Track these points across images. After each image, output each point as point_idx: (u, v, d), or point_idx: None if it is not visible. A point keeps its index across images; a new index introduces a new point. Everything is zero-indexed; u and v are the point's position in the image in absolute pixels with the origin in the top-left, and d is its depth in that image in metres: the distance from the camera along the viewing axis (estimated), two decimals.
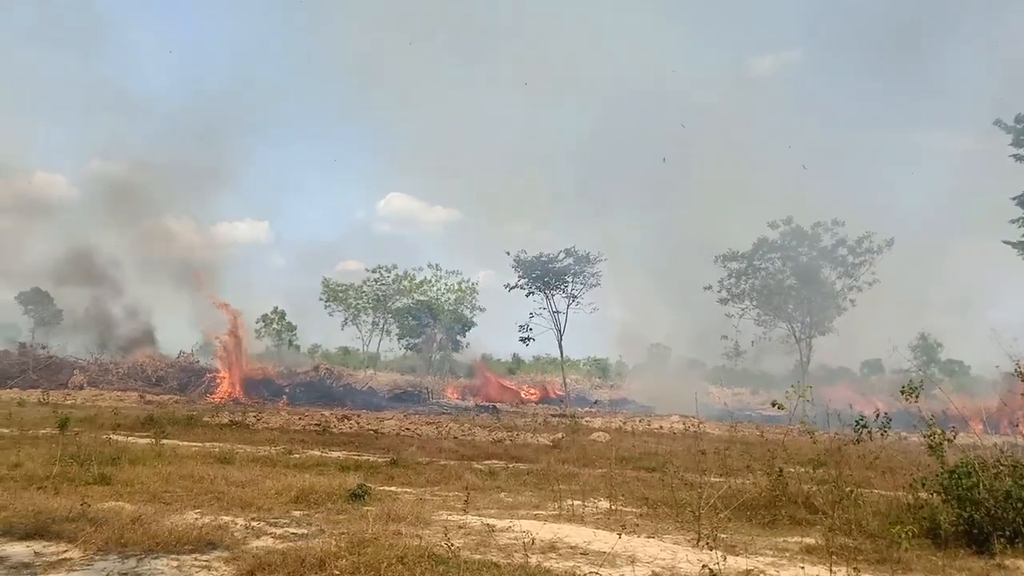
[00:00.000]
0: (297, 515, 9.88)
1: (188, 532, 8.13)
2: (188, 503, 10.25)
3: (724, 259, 61.49)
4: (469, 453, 19.14)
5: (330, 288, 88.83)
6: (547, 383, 68.21)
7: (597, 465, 16.40)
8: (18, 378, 42.41)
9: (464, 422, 30.14)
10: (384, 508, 9.95)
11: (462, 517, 9.87)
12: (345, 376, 56.11)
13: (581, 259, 55.72)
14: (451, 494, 12.42)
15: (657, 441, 22.50)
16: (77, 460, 12.62)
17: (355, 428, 25.55)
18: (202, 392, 43.40)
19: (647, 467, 16.21)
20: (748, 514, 10.52)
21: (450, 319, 78.39)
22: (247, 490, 11.18)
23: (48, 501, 9.33)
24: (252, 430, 23.09)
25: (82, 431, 18.36)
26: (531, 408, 49.90)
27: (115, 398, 37.83)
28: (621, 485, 12.49)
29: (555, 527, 9.45)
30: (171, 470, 12.55)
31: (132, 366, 46.75)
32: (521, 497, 12.44)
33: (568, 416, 35.12)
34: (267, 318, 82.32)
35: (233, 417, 26.06)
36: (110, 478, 11.66)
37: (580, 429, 28.22)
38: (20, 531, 8.14)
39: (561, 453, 19.43)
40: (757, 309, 60.93)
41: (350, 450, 19.04)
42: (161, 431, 17.93)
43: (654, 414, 42.42)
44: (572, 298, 56.61)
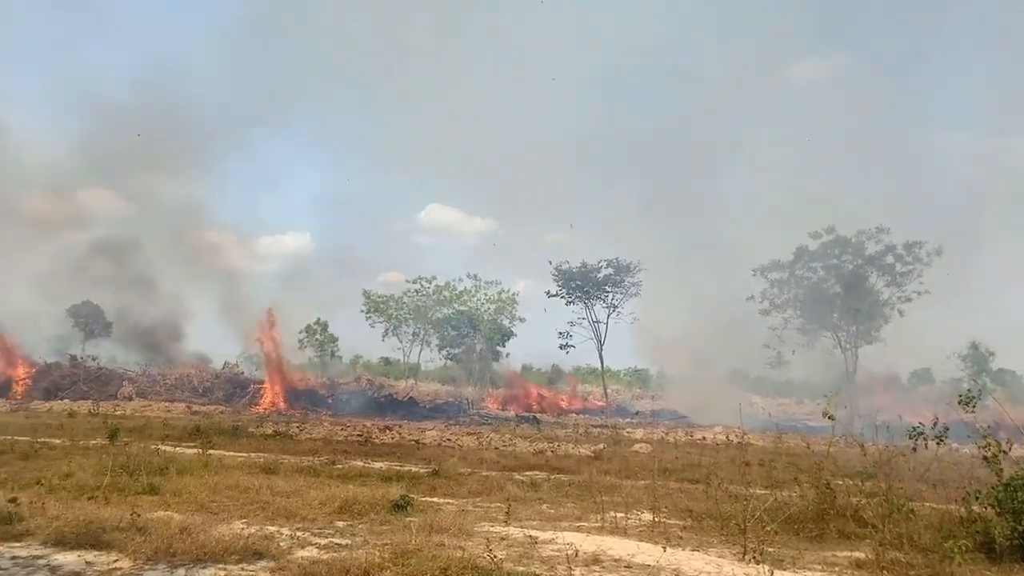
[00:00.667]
0: (341, 525, 9.95)
1: (235, 542, 8.23)
2: (235, 513, 10.39)
3: (763, 270, 60.79)
4: (510, 464, 19.12)
5: (371, 299, 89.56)
6: (587, 393, 67.90)
7: (639, 477, 16.28)
8: (69, 389, 43.43)
9: (505, 433, 30.12)
10: (427, 519, 9.97)
11: (504, 529, 9.86)
12: (386, 386, 56.52)
13: (621, 269, 55.51)
14: (493, 505, 12.40)
15: (700, 452, 22.25)
16: (127, 470, 12.89)
17: (397, 439, 25.68)
18: (247, 403, 44.04)
19: (690, 479, 16.03)
20: (795, 527, 10.33)
21: (490, 329, 78.44)
22: (292, 500, 11.29)
23: (99, 511, 9.50)
24: (296, 440, 23.34)
25: (131, 441, 18.73)
26: (572, 419, 49.74)
27: (163, 409, 38.58)
28: (664, 497, 12.39)
29: (598, 539, 9.39)
30: (217, 480, 12.73)
31: (179, 377, 47.61)
32: (563, 509, 12.38)
33: (609, 427, 34.94)
34: (310, 329, 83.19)
35: (277, 428, 26.39)
36: (159, 488, 11.87)
37: (622, 440, 28.03)
38: (72, 540, 8.30)
39: (603, 464, 19.31)
40: (800, 319, 60.00)
41: (392, 461, 19.14)
42: (207, 441, 18.21)
43: (696, 425, 41.96)
44: (612, 308, 56.43)
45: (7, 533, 8.48)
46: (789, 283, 60.30)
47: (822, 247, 58.66)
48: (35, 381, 44.92)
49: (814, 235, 58.68)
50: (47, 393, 42.59)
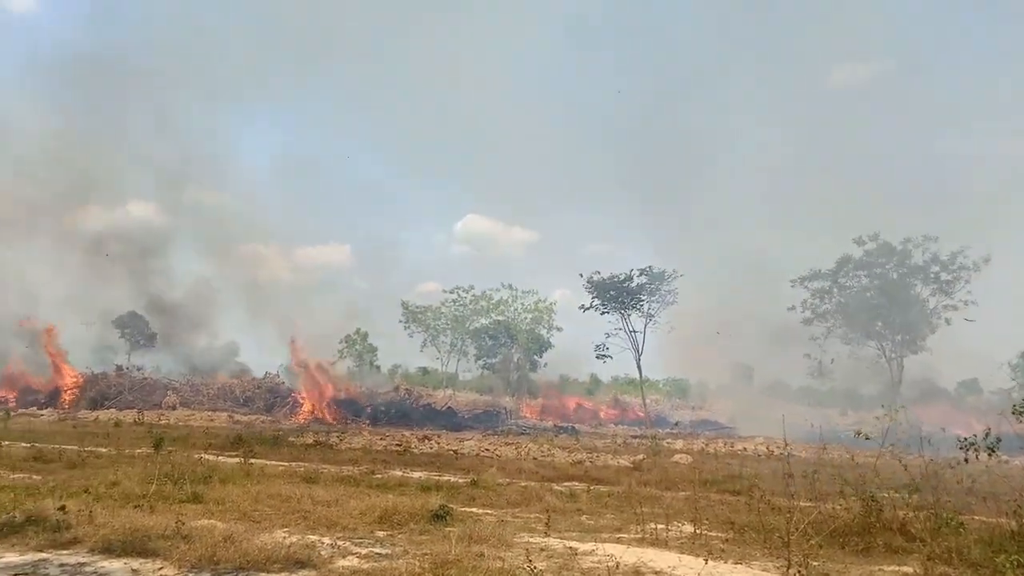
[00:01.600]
0: (381, 535, 9.99)
1: (277, 551, 8.30)
2: (276, 522, 10.49)
3: (804, 280, 59.99)
4: (549, 474, 19.05)
5: (409, 310, 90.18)
6: (626, 404, 67.48)
7: (680, 488, 16.11)
8: (115, 399, 44.32)
9: (543, 443, 30.05)
10: (466, 529, 9.96)
11: (544, 539, 9.80)
12: (425, 396, 56.75)
13: (655, 277, 55.15)
14: (532, 516, 12.36)
15: (741, 463, 21.95)
16: (171, 479, 13.09)
17: (435, 448, 25.76)
18: (287, 412, 44.51)
19: (732, 490, 15.83)
20: (840, 541, 10.12)
21: (527, 339, 78.44)
22: (332, 509, 11.37)
23: (144, 519, 9.65)
24: (335, 450, 23.53)
25: (175, 450, 19.04)
26: (610, 429, 49.47)
27: (206, 418, 39.18)
28: (705, 508, 12.21)
29: (639, 551, 9.30)
30: (259, 489, 12.86)
31: (221, 387, 48.31)
32: (603, 520, 12.29)
33: (648, 437, 34.65)
34: (349, 339, 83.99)
35: (317, 437, 26.62)
36: (202, 496, 12.03)
37: (661, 451, 27.78)
38: (118, 548, 8.45)
39: (642, 475, 19.15)
40: (844, 328, 59.02)
41: (431, 470, 19.19)
42: (249, 451, 18.43)
43: (737, 435, 41.45)
44: (649, 317, 56.03)
45: (55, 541, 8.66)
46: (831, 292, 59.41)
47: (866, 255, 57.72)
48: (82, 391, 45.88)
49: (858, 242, 57.77)
50: (94, 403, 43.50)
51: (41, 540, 8.67)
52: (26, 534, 8.85)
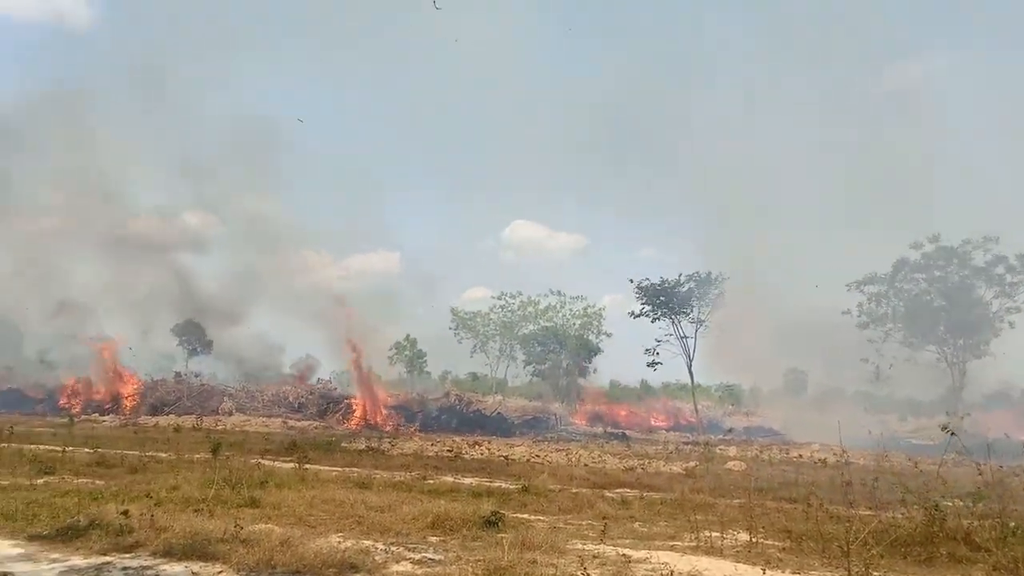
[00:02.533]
0: (434, 541, 10.04)
1: (332, 555, 8.40)
2: (331, 527, 10.62)
3: (859, 284, 58.74)
4: (600, 481, 18.94)
5: (458, 316, 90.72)
6: (678, 410, 66.77)
7: (734, 495, 15.84)
8: (174, 405, 45.34)
9: (594, 449, 29.91)
10: (518, 536, 9.94)
11: (597, 547, 9.74)
12: (475, 402, 56.88)
13: (704, 281, 54.50)
14: (584, 523, 12.30)
15: (797, 471, 21.51)
16: (229, 484, 13.34)
17: (486, 454, 25.80)
18: (340, 418, 45.01)
19: (788, 498, 15.53)
20: (902, 551, 9.86)
21: (576, 345, 78.16)
22: (385, 515, 11.46)
23: (204, 523, 9.84)
24: (387, 456, 23.72)
25: (233, 455, 19.38)
26: (662, 435, 48.99)
27: (261, 424, 39.88)
28: (761, 516, 12.01)
29: (693, 559, 9.19)
30: (314, 494, 13.02)
31: (276, 393, 49.08)
32: (656, 527, 12.16)
33: (701, 444, 34.24)
34: (399, 346, 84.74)
35: (369, 443, 26.88)
36: (259, 501, 12.22)
37: (714, 457, 27.41)
38: (179, 552, 8.63)
39: (695, 482, 18.91)
40: (902, 332, 57.57)
41: (482, 476, 19.22)
42: (304, 456, 18.68)
43: (792, 442, 40.69)
44: (699, 322, 55.35)
45: (118, 544, 8.89)
46: (888, 296, 58.06)
47: (924, 258, 56.28)
48: (143, 397, 47.05)
49: (915, 245, 56.36)
50: (154, 409, 44.58)
51: (105, 544, 8.91)
52: (90, 538, 9.10)
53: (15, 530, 9.61)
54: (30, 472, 14.60)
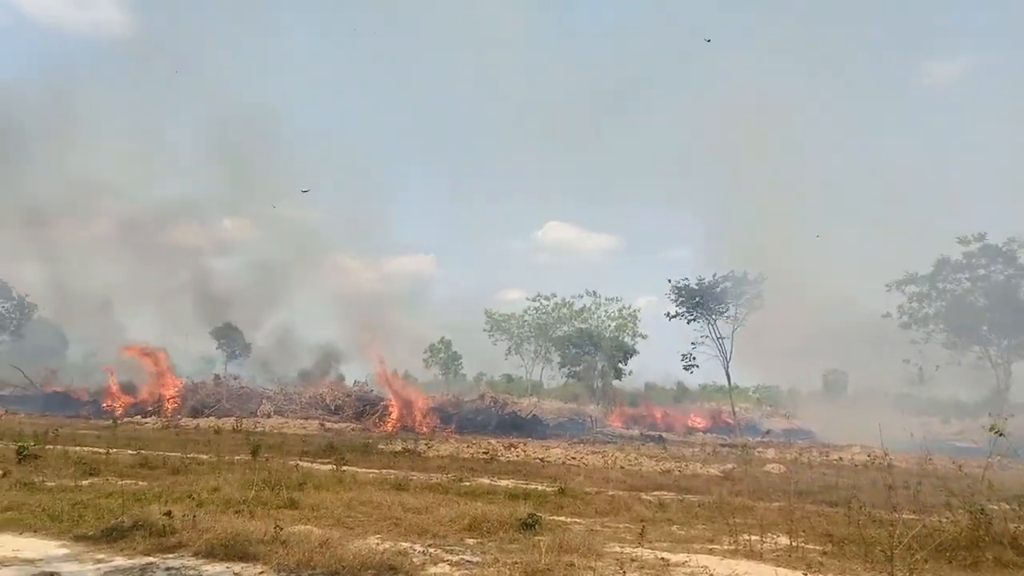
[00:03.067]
0: (471, 543, 10.06)
1: (371, 557, 8.45)
2: (369, 528, 10.69)
3: (900, 283, 57.71)
4: (637, 484, 18.84)
5: (493, 318, 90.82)
6: (714, 412, 66.13)
7: (773, 498, 15.67)
8: (214, 407, 45.96)
9: (630, 451, 29.76)
10: (555, 538, 9.92)
11: (635, 550, 9.68)
12: (510, 404, 56.88)
13: (740, 281, 53.93)
14: (621, 525, 12.24)
15: (837, 473, 21.20)
16: (268, 485, 13.50)
17: (521, 456, 25.80)
18: (376, 420, 45.29)
19: (829, 501, 15.32)
20: (947, 555, 9.67)
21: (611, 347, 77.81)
22: (423, 517, 11.51)
23: (244, 524, 9.96)
24: (423, 458, 23.81)
25: (271, 457, 19.61)
26: (698, 437, 48.60)
27: (298, 426, 40.31)
28: (801, 520, 11.85)
29: (732, 563, 9.10)
30: (352, 496, 13.12)
31: (313, 395, 49.50)
32: (694, 530, 12.06)
33: (738, 446, 33.89)
34: (434, 348, 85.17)
35: (405, 445, 27.01)
36: (298, 502, 12.35)
37: (752, 460, 27.11)
38: (220, 552, 8.75)
39: (733, 485, 18.71)
40: (945, 333, 56.42)
41: (518, 478, 19.21)
42: (341, 458, 18.83)
43: (832, 444, 40.09)
44: (736, 323, 54.79)
45: (162, 545, 9.03)
46: (931, 296, 56.96)
47: (966, 257, 55.13)
48: (183, 400, 47.77)
49: (963, 241, 55.14)
50: (194, 411, 45.22)
51: (148, 544, 9.06)
52: (134, 538, 9.26)
53: (61, 531, 9.81)
54: (75, 473, 14.91)
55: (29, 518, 10.47)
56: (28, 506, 11.20)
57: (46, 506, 11.15)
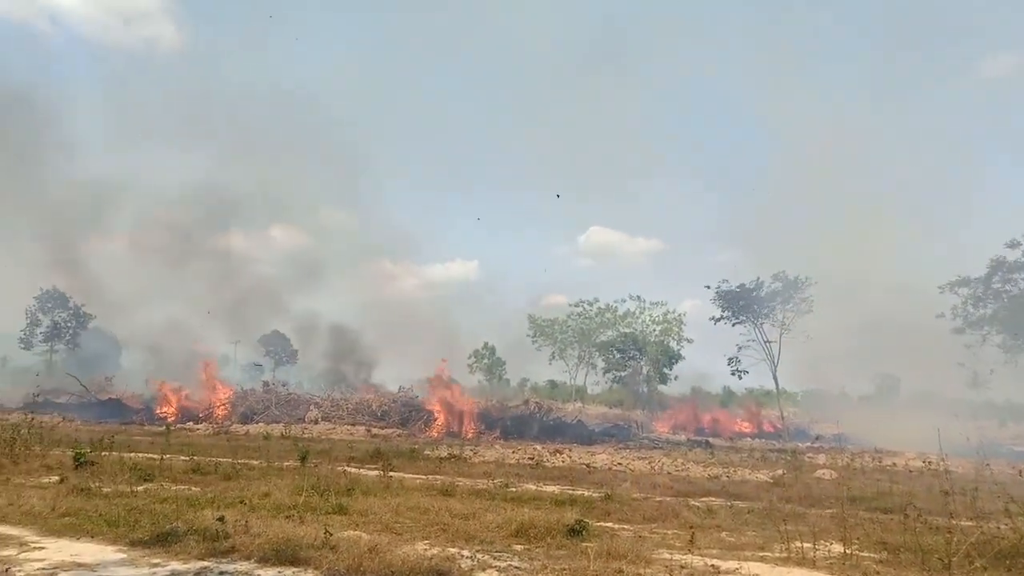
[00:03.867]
0: (518, 549, 10.04)
1: (420, 562, 8.49)
2: (417, 534, 10.74)
3: (953, 286, 56.30)
4: (684, 489, 18.65)
5: (536, 323, 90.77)
6: (762, 416, 65.21)
7: (824, 505, 15.40)
8: (263, 413, 46.63)
9: (676, 457, 29.47)
10: (603, 545, 9.87)
11: (684, 556, 9.59)
12: (554, 410, 56.77)
13: (788, 284, 53.13)
14: (669, 532, 12.13)
15: (891, 479, 20.76)
16: (317, 491, 13.67)
17: (567, 462, 25.70)
18: (422, 426, 45.52)
19: (883, 508, 15.01)
20: (1006, 563, 9.39)
21: (656, 351, 77.27)
22: (470, 522, 11.53)
23: (295, 529, 10.10)
24: (469, 463, 23.86)
25: (320, 463, 19.84)
26: (746, 443, 47.96)
27: (345, 432, 40.69)
28: (855, 527, 11.62)
29: (784, 571, 8.96)
30: (399, 501, 13.22)
31: (360, 402, 49.95)
32: (744, 537, 11.89)
33: (788, 451, 33.36)
34: (478, 354, 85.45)
35: (451, 451, 27.09)
36: (346, 508, 12.47)
37: (803, 465, 26.65)
38: (272, 557, 8.87)
39: (784, 491, 18.43)
40: (1001, 335, 54.88)
41: (563, 484, 19.14)
42: (388, 464, 18.96)
43: (885, 450, 39.25)
44: (783, 327, 54.02)
45: (215, 550, 9.18)
46: (985, 298, 55.47)
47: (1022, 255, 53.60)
48: (234, 406, 48.56)
49: (1011, 244, 53.72)
50: (244, 417, 45.95)
51: (202, 549, 9.22)
52: (188, 543, 9.43)
53: (117, 536, 10.02)
54: (131, 479, 15.22)
55: (86, 523, 10.71)
56: (85, 512, 11.45)
57: (103, 511, 11.40)
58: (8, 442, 17.96)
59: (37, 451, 18.59)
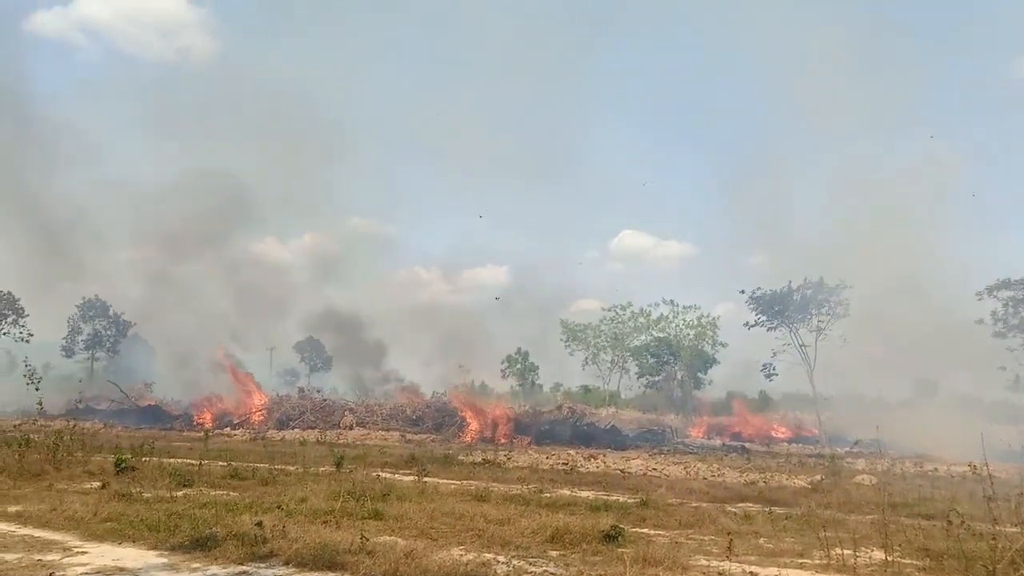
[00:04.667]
0: (554, 555, 10.02)
1: (455, 568, 8.51)
2: (452, 539, 10.77)
3: (992, 290, 55.15)
4: (720, 495, 18.48)
5: (569, 328, 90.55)
6: (799, 421, 64.34)
7: (864, 511, 15.17)
8: (298, 419, 47.05)
9: (712, 462, 29.21)
10: (639, 551, 9.81)
11: (721, 563, 9.50)
12: (588, 415, 56.55)
13: (822, 289, 52.46)
14: (706, 538, 12.02)
15: (932, 485, 20.38)
16: (353, 496, 13.76)
17: (601, 468, 25.60)
18: (455, 431, 45.62)
19: (925, 514, 14.74)
20: None
21: (690, 356, 76.67)
22: (505, 528, 11.52)
23: (331, 534, 10.17)
24: (503, 468, 23.86)
25: (355, 469, 19.97)
26: (783, 448, 47.41)
27: (380, 437, 40.94)
28: (896, 534, 11.42)
29: None
30: (434, 507, 13.25)
31: (394, 407, 50.23)
32: (782, 544, 11.74)
33: (826, 457, 32.89)
34: (511, 359, 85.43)
35: (485, 456, 27.12)
36: (382, 513, 12.53)
37: (841, 471, 26.27)
38: (310, 562, 8.95)
39: (822, 497, 18.17)
40: None
41: (598, 490, 19.07)
42: (422, 469, 19.04)
43: (925, 455, 38.57)
44: (819, 331, 53.34)
45: (254, 555, 9.29)
46: None
47: None
48: (270, 412, 49.07)
49: None
50: (280, 423, 46.40)
51: (241, 553, 9.32)
52: (227, 548, 9.54)
53: (158, 541, 10.17)
54: (170, 485, 15.46)
55: (128, 528, 10.89)
56: (126, 517, 11.64)
57: (143, 516, 11.58)
58: (51, 448, 18.32)
59: (79, 457, 18.94)
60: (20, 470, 16.64)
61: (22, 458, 17.38)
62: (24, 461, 17.24)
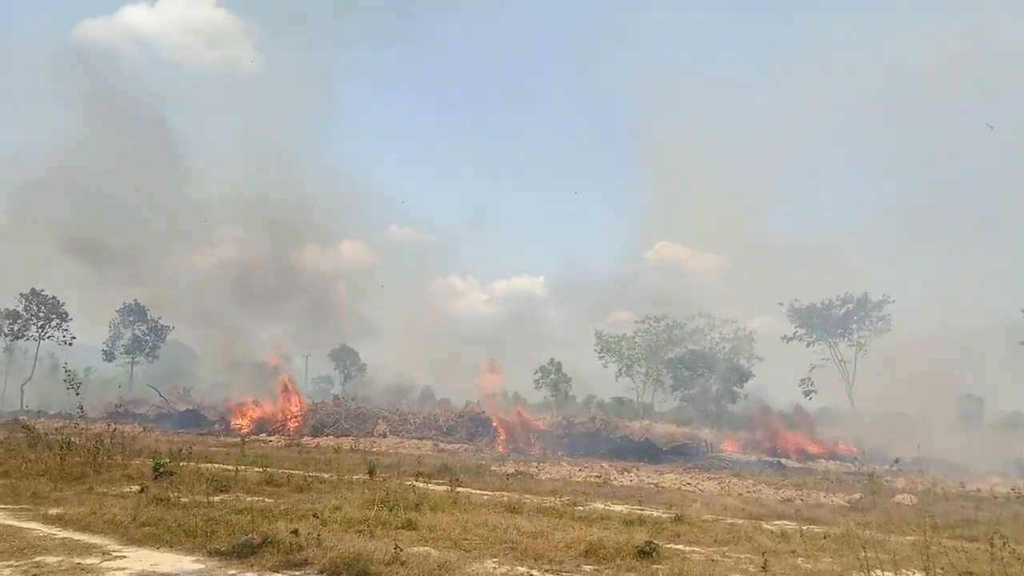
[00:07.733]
0: (588, 569, 9.95)
1: None
2: (485, 551, 10.73)
3: None
4: (756, 512, 18.22)
5: (603, 340, 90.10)
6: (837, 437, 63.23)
7: (905, 531, 14.83)
8: (333, 427, 47.40)
9: (748, 478, 28.84)
10: (674, 567, 9.72)
11: None
12: (621, 427, 56.19)
13: (865, 304, 51.65)
14: (742, 556, 11.85)
15: (976, 506, 19.91)
16: (386, 505, 13.79)
17: (635, 481, 25.42)
18: (488, 441, 45.60)
19: (967, 536, 14.39)
20: None
21: (726, 369, 75.72)
22: (538, 541, 11.46)
23: (365, 543, 10.19)
24: (536, 480, 23.78)
25: (388, 477, 20.04)
26: (820, 464, 46.67)
27: (413, 446, 41.06)
28: (938, 556, 11.15)
29: None
30: (467, 518, 13.23)
31: (427, 416, 50.36)
32: (820, 563, 11.53)
33: (865, 475, 32.29)
34: (544, 370, 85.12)
35: (517, 467, 27.06)
36: (415, 523, 12.55)
37: (881, 489, 25.76)
38: (344, 571, 8.98)
39: (861, 516, 17.83)
40: None
41: (632, 504, 18.91)
42: (455, 479, 19.03)
43: (968, 474, 37.69)
44: (859, 346, 52.53)
45: (289, 562, 9.36)
46: None
47: None
48: (305, 419, 49.49)
49: None
50: (315, 430, 46.78)
51: (276, 560, 9.40)
52: (263, 555, 9.62)
53: (195, 546, 10.29)
54: (207, 490, 15.62)
55: (165, 533, 11.03)
56: (164, 522, 11.79)
57: (181, 521, 11.72)
58: (92, 452, 18.64)
59: (119, 461, 19.23)
60: (61, 472, 16.97)
61: (63, 461, 17.72)
62: (65, 464, 17.58)
